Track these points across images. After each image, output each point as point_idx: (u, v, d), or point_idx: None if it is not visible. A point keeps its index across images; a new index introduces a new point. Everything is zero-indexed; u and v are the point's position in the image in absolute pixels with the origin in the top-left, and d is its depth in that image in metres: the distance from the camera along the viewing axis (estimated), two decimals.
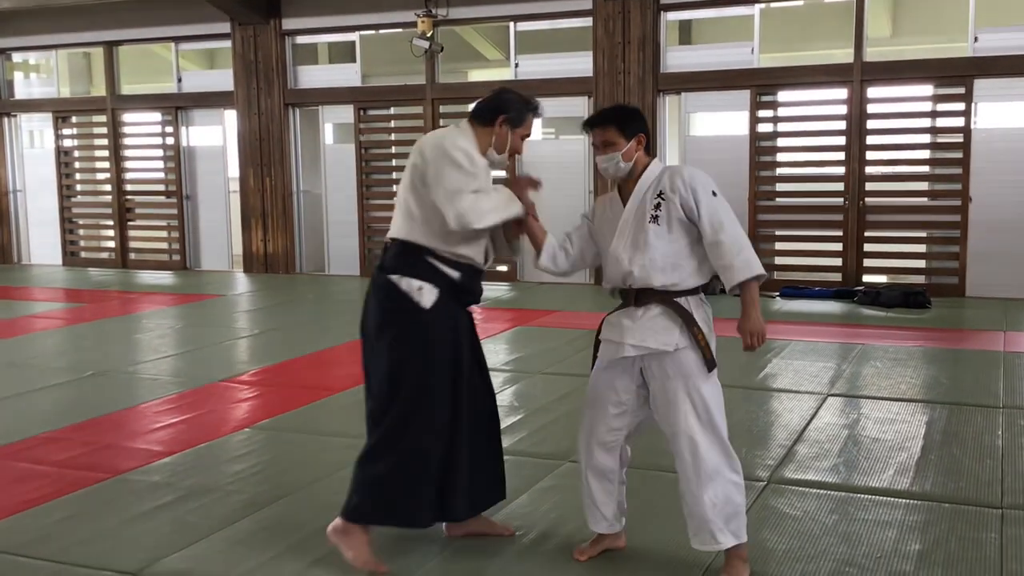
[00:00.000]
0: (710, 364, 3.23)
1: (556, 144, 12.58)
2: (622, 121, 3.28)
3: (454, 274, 3.35)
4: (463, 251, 3.35)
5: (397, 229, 3.40)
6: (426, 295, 3.31)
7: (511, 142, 3.42)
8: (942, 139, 9.69)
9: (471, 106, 3.53)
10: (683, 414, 3.18)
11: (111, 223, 13.22)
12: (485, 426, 3.51)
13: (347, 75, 11.81)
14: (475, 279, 3.45)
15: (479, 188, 3.28)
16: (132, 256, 13.17)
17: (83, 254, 13.63)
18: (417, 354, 3.31)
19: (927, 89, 9.67)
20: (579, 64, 10.61)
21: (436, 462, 3.34)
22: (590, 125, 3.34)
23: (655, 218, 3.21)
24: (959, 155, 9.42)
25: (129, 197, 13.11)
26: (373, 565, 3.34)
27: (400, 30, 11.45)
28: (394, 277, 3.34)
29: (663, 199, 3.21)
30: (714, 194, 3.23)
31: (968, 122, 9.32)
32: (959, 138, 9.41)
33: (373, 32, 11.77)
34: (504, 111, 3.40)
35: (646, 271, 3.23)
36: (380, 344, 3.39)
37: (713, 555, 3.38)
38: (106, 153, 13.12)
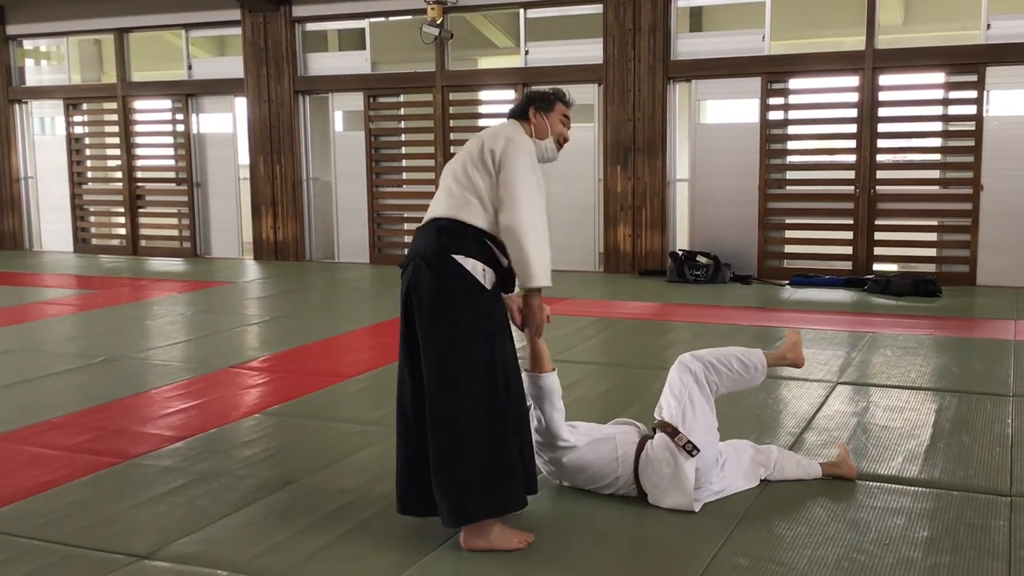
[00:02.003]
0: None
1: None
2: None
3: (504, 260, 3.40)
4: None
5: (451, 208, 3.36)
6: (488, 277, 3.36)
7: (550, 125, 3.61)
8: (954, 127, 9.64)
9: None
10: None
11: (122, 210, 13.26)
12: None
13: (357, 62, 11.80)
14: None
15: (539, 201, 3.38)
16: (143, 243, 13.22)
17: (94, 241, 13.68)
18: (481, 336, 3.33)
19: (939, 77, 9.62)
20: (589, 51, 10.58)
21: (516, 441, 3.41)
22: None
23: None
24: (971, 143, 9.37)
25: (140, 184, 13.14)
26: (519, 541, 3.39)
27: (410, 17, 11.43)
28: (459, 257, 3.31)
29: None
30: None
31: (980, 110, 9.27)
32: (971, 126, 9.36)
33: (383, 19, 11.75)
34: (532, 102, 3.63)
35: None
36: (436, 327, 3.32)
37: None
38: (117, 140, 13.15)
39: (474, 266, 3.33)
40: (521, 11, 10.92)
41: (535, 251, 3.30)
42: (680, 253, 10.09)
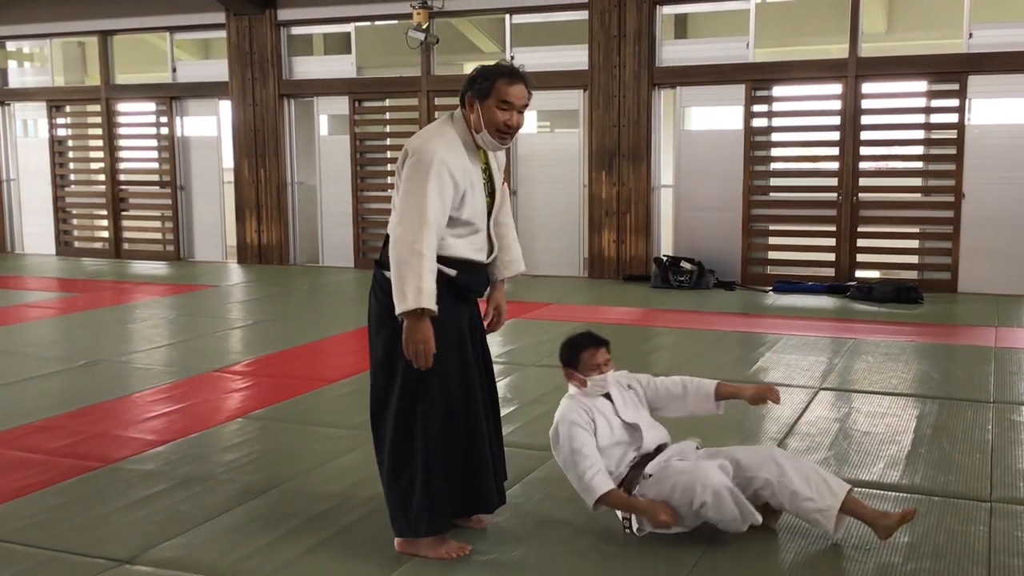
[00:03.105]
0: None
1: (551, 137, 12.61)
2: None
3: (451, 272, 3.29)
4: (456, 251, 3.29)
5: (390, 223, 3.33)
6: None
7: (486, 115, 3.25)
8: (936, 135, 9.71)
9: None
10: None
11: (105, 213, 13.19)
12: (492, 419, 3.52)
13: (342, 66, 11.79)
14: (474, 274, 3.41)
15: (431, 218, 3.12)
16: (126, 246, 13.15)
17: (76, 244, 13.61)
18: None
19: (921, 85, 9.69)
20: (575, 57, 10.61)
21: (454, 461, 3.32)
22: (597, 345, 3.63)
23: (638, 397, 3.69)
24: (953, 151, 9.44)
25: (123, 187, 13.08)
26: (453, 551, 3.35)
27: (396, 22, 11.43)
28: (388, 272, 3.25)
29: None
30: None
31: (962, 118, 9.34)
32: (953, 134, 9.44)
33: (368, 23, 11.75)
34: (468, 88, 3.30)
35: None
36: (378, 339, 3.36)
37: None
38: (100, 143, 13.08)
39: None
40: (507, 16, 10.94)
41: (397, 273, 3.10)
42: (664, 259, 10.12)
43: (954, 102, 9.40)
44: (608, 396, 3.58)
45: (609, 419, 3.54)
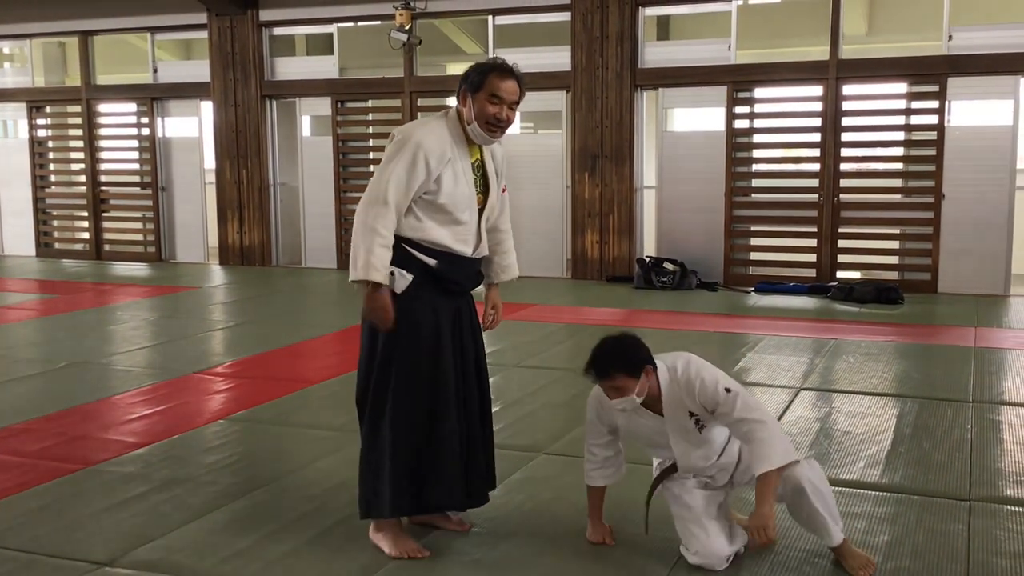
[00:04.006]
0: None
1: (534, 138, 12.59)
2: (628, 364, 3.17)
3: (430, 261, 3.34)
4: (436, 238, 3.34)
5: None
6: (398, 281, 3.31)
7: (477, 108, 3.34)
8: (916, 137, 9.78)
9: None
10: None
11: (85, 214, 13.12)
12: (477, 415, 3.51)
13: (325, 67, 11.76)
14: (457, 266, 3.42)
15: (391, 200, 3.23)
16: (106, 247, 13.08)
17: (57, 245, 13.52)
18: (391, 339, 3.33)
19: (901, 87, 9.76)
20: (557, 58, 10.62)
21: (417, 449, 3.35)
22: (597, 377, 3.21)
23: (700, 427, 3.26)
24: (932, 153, 9.51)
25: (104, 188, 13.01)
26: (411, 552, 3.37)
27: (378, 23, 11.42)
28: None
29: (698, 417, 3.24)
30: (728, 391, 3.15)
31: (942, 120, 9.41)
32: (933, 136, 9.50)
33: (351, 24, 11.73)
34: (463, 81, 3.39)
35: (698, 470, 3.36)
36: (362, 329, 3.44)
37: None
38: (81, 144, 13.01)
39: None
40: (490, 18, 10.94)
41: (352, 245, 3.26)
42: (647, 260, 10.15)
43: (934, 104, 9.46)
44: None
45: (647, 422, 3.32)
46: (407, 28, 10.89)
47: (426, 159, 3.27)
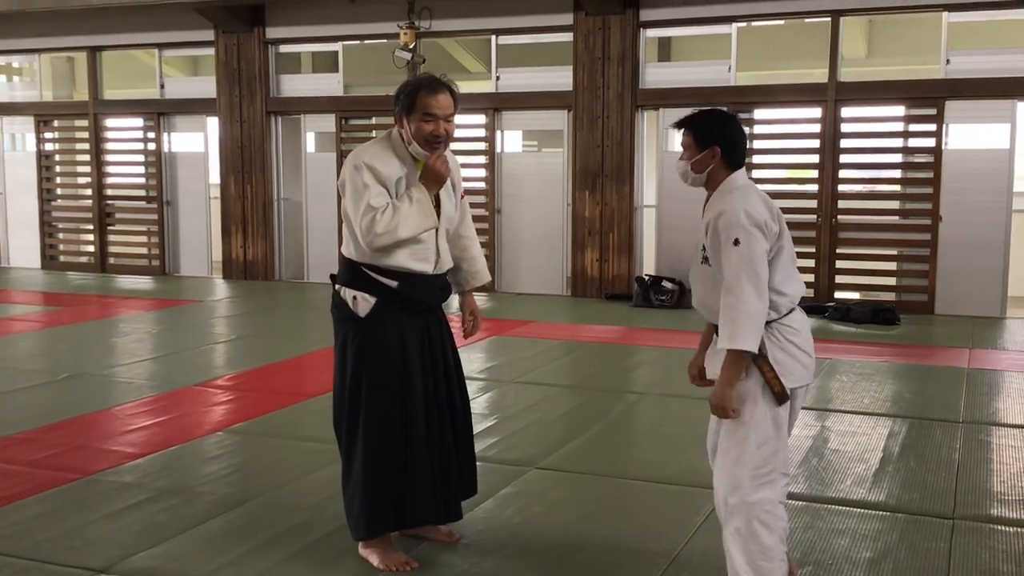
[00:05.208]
0: (779, 398, 3.05)
1: (537, 156, 12.71)
2: (700, 130, 3.09)
3: (391, 283, 3.40)
4: (395, 260, 3.38)
5: (343, 244, 3.54)
6: (360, 305, 3.39)
7: (413, 128, 3.35)
8: (914, 159, 9.85)
9: None
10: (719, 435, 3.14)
11: (91, 227, 13.23)
12: (450, 432, 3.56)
13: (329, 84, 11.89)
14: (420, 286, 3.45)
15: (376, 204, 3.28)
16: (111, 261, 13.18)
17: (62, 258, 13.62)
18: (358, 362, 3.41)
19: (899, 110, 9.84)
20: (559, 78, 10.73)
21: (389, 469, 3.40)
22: (677, 124, 3.17)
23: (705, 259, 3.10)
24: (930, 175, 9.58)
25: (109, 202, 13.13)
26: (399, 564, 3.43)
27: (383, 41, 11.54)
28: (337, 287, 3.49)
29: (704, 245, 3.07)
30: (736, 243, 2.95)
31: (939, 143, 9.49)
32: (930, 158, 9.58)
33: (356, 42, 11.86)
34: (395, 103, 3.40)
35: (702, 307, 3.19)
36: (335, 348, 3.53)
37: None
38: (87, 157, 13.13)
39: (346, 293, 3.44)
40: (493, 37, 11.06)
41: (382, 244, 3.30)
42: (646, 278, 10.22)
43: (931, 127, 9.54)
44: None
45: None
46: (411, 47, 11.01)
47: (383, 180, 3.33)
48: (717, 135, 3.08)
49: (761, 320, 2.98)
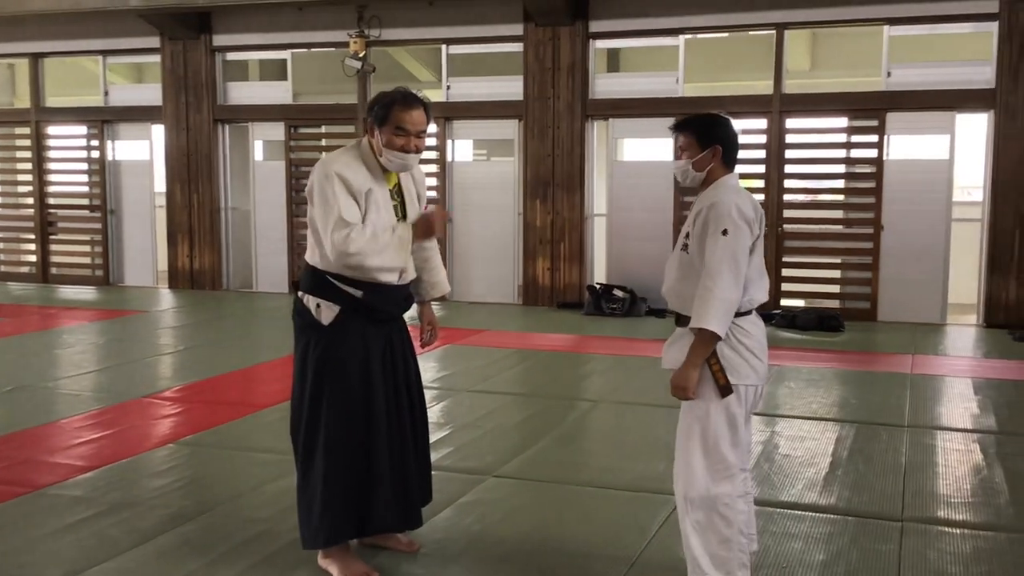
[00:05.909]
0: (723, 391, 3.12)
1: (487, 166, 12.73)
2: (701, 131, 3.23)
3: (356, 292, 3.39)
4: (362, 272, 3.37)
5: (307, 250, 3.52)
6: (324, 313, 3.39)
7: (384, 140, 3.36)
8: (856, 169, 10.06)
9: None
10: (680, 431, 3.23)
11: (32, 236, 12.96)
12: (410, 440, 3.55)
13: (278, 93, 11.80)
14: (384, 295, 3.46)
15: (349, 218, 3.27)
16: (53, 271, 12.92)
17: (2, 268, 13.31)
18: (320, 370, 3.39)
19: (842, 121, 10.06)
20: (510, 88, 10.78)
21: (350, 477, 3.39)
22: (674, 128, 3.28)
23: (685, 246, 3.22)
24: (872, 185, 9.79)
25: (52, 211, 12.87)
26: (361, 574, 3.41)
27: (332, 49, 11.49)
28: (300, 294, 3.48)
29: (688, 234, 3.20)
30: (724, 233, 3.09)
31: (881, 153, 9.71)
32: (872, 168, 9.80)
33: (305, 51, 11.79)
34: (368, 114, 3.44)
35: (672, 293, 3.28)
36: (295, 356, 3.50)
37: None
38: (29, 166, 12.87)
39: (309, 301, 3.43)
40: (443, 47, 11.08)
41: (353, 270, 3.32)
42: (597, 286, 10.29)
43: (873, 138, 9.76)
44: None
45: None
46: (361, 56, 10.98)
47: (351, 189, 3.32)
48: (717, 136, 3.25)
49: (732, 309, 3.10)
